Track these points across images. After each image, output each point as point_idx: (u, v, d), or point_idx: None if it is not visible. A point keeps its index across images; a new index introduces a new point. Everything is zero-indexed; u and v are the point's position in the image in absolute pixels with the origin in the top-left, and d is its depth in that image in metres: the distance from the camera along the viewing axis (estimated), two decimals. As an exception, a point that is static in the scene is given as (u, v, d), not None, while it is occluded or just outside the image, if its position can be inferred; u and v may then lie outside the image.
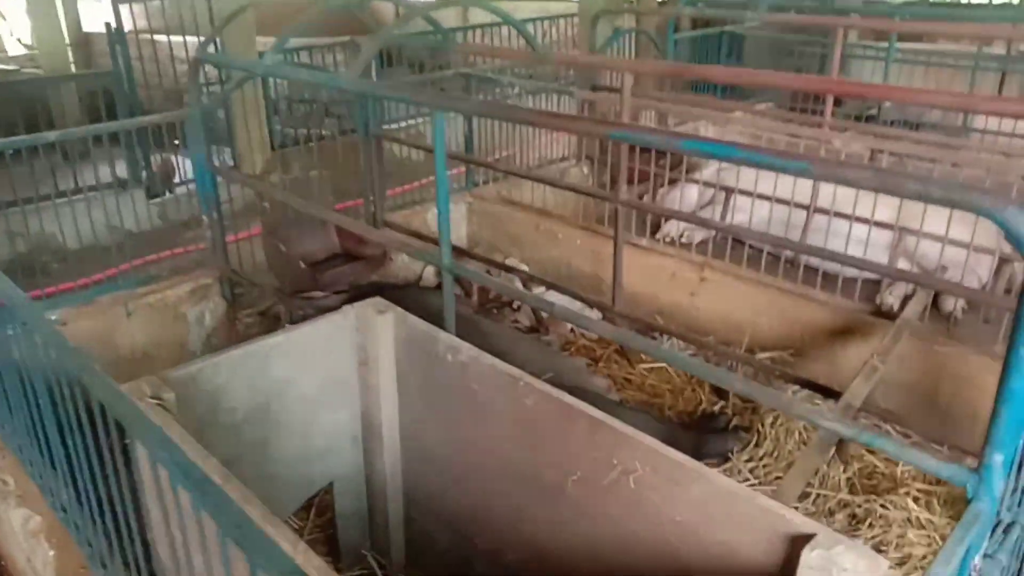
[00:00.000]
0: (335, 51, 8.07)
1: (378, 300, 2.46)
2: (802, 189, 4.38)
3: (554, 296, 4.52)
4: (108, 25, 6.17)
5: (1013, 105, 2.49)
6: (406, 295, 4.15)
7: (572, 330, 4.51)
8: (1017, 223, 1.37)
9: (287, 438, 2.43)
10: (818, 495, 3.11)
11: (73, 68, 9.65)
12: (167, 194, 6.59)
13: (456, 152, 5.10)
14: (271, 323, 4.33)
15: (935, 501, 3.08)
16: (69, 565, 2.29)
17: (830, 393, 3.16)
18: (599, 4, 6.09)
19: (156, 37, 6.93)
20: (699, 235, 6.00)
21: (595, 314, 4.21)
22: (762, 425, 3.49)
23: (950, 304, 4.25)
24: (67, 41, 9.46)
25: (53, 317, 3.63)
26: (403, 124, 7.54)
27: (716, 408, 3.73)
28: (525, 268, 5.01)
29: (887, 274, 3.88)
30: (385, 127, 6.54)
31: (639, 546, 1.88)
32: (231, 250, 4.29)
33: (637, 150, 6.30)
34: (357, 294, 4.42)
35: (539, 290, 4.52)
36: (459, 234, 5.35)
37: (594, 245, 4.62)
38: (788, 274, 4.05)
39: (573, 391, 3.34)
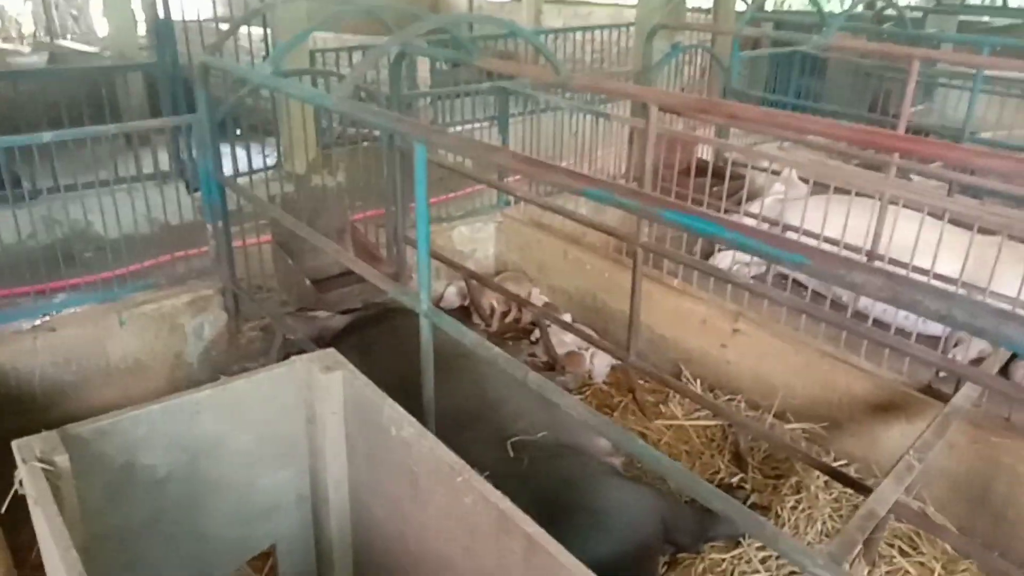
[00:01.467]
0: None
1: (327, 354, 2.20)
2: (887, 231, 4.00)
3: (568, 337, 4.22)
4: (152, 13, 6.11)
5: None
6: (410, 323, 3.89)
7: (588, 373, 4.18)
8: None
9: (221, 496, 2.19)
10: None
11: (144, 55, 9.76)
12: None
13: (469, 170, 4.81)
14: (273, 338, 4.13)
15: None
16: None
17: (860, 488, 2.76)
18: (655, 16, 5.70)
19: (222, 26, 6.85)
20: (752, 271, 5.59)
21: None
22: (782, 508, 3.10)
23: (1021, 372, 3.78)
24: (138, 27, 9.55)
25: (37, 323, 3.52)
26: (458, 128, 7.28)
27: (735, 480, 3.35)
28: (544, 300, 4.70)
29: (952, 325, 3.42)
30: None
31: None
32: (241, 254, 4.12)
33: (692, 175, 5.92)
34: (363, 316, 4.21)
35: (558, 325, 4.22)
36: (486, 253, 5.07)
37: (622, 280, 4.26)
38: (837, 325, 3.63)
39: (567, 450, 3.06)
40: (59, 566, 1.45)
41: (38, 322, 3.47)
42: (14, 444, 1.78)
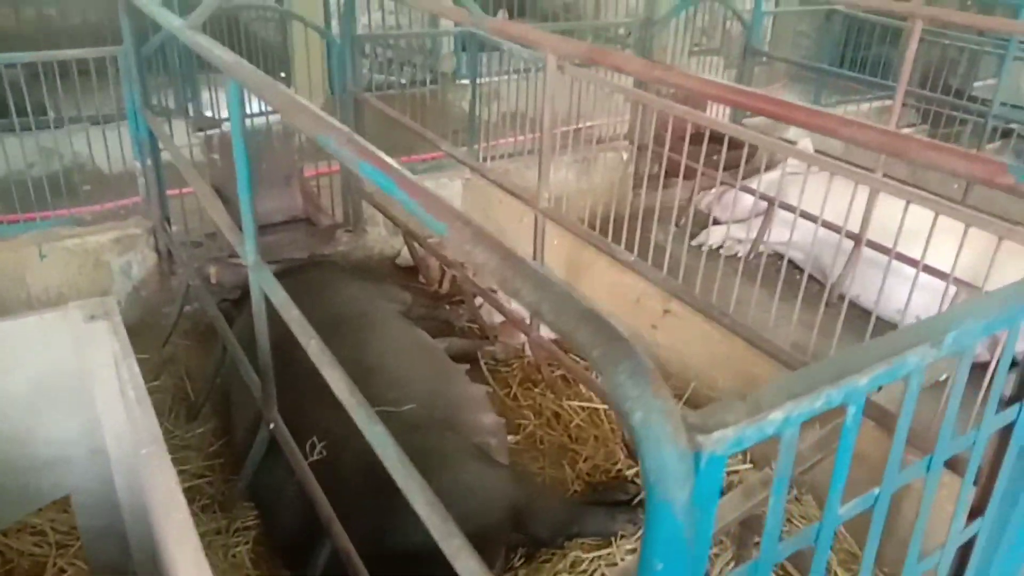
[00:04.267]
0: None
1: (100, 302, 2.05)
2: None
3: (515, 305, 3.98)
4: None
5: None
6: (329, 279, 3.73)
7: (524, 345, 3.94)
8: None
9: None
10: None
11: None
12: (216, 129, 6.47)
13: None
14: (205, 282, 4.05)
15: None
16: None
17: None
18: None
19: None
20: (742, 249, 5.19)
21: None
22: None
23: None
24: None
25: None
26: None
27: (631, 473, 3.08)
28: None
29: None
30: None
31: None
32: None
33: (687, 140, 5.51)
34: (287, 267, 4.07)
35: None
36: (451, 212, 4.85)
37: (571, 251, 3.99)
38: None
39: (434, 425, 2.82)
40: None
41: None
42: None
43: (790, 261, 4.90)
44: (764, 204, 5.14)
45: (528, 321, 3.94)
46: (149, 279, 4.01)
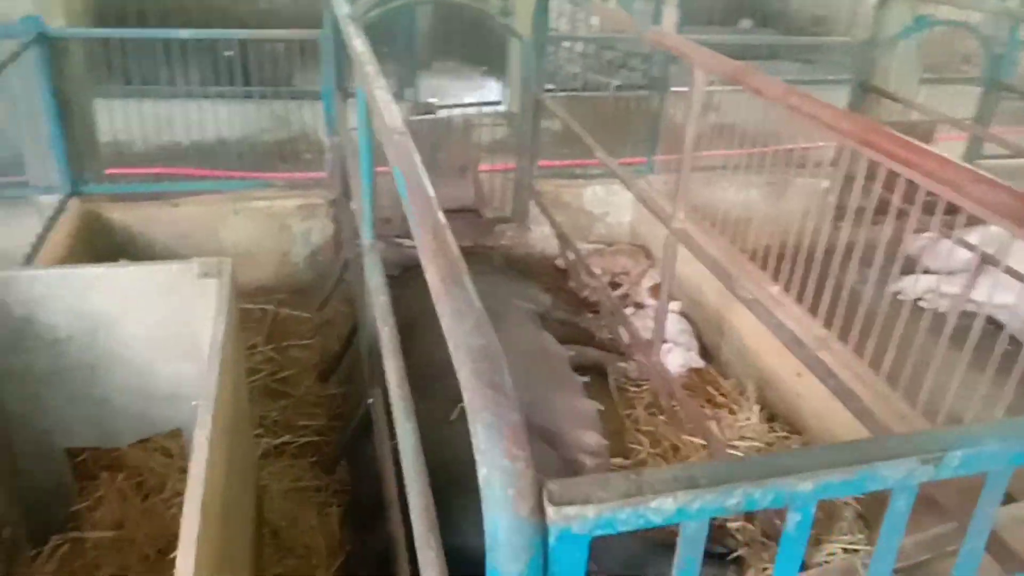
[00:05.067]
0: None
1: (217, 262, 2.23)
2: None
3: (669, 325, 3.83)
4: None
5: None
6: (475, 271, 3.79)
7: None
8: None
9: (122, 372, 2.37)
10: None
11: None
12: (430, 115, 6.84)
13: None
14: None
15: None
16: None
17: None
18: None
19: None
20: (944, 304, 4.59)
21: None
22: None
23: None
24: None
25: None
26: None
27: (736, 526, 2.84)
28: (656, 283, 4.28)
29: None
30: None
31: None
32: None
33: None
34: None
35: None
36: (619, 220, 4.74)
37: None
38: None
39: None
40: None
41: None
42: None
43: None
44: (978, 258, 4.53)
45: (653, 345, 3.78)
46: (326, 247, 4.33)
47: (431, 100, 6.81)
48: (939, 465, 0.88)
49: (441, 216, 1.21)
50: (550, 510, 0.77)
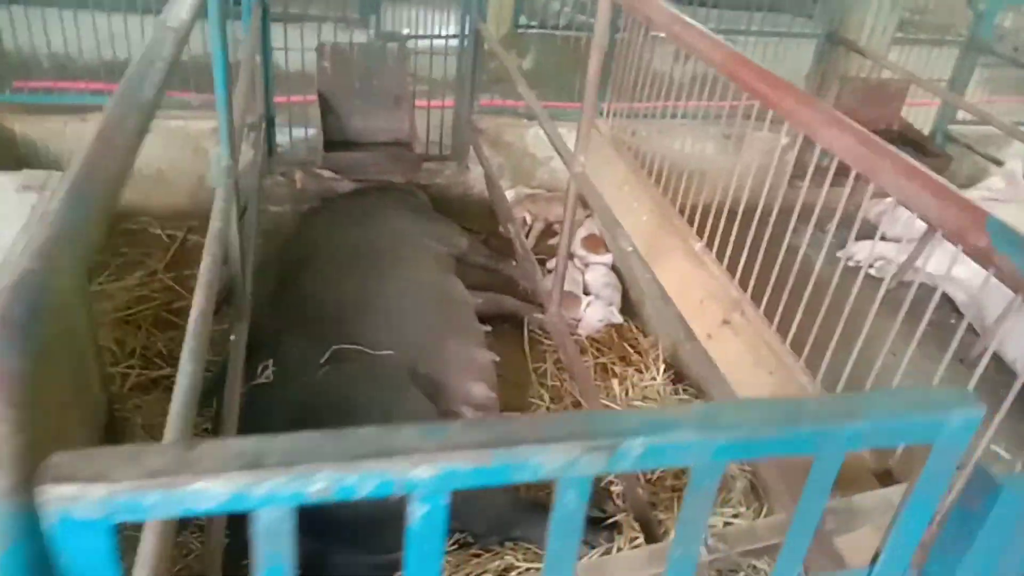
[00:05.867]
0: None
1: (41, 174, 2.03)
2: None
3: (590, 277, 3.65)
4: None
5: None
6: (376, 205, 3.60)
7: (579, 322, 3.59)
8: None
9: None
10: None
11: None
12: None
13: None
14: (290, 188, 4.08)
15: None
16: None
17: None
18: None
19: None
20: (890, 270, 4.40)
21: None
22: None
23: None
24: None
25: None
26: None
27: (620, 490, 2.69)
28: (591, 233, 4.09)
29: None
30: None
31: None
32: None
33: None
34: (360, 189, 3.97)
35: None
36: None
37: (658, 230, 3.54)
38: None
39: (403, 380, 2.55)
40: None
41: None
42: None
43: (951, 302, 4.10)
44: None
45: (582, 301, 3.60)
46: (244, 172, 4.09)
47: (405, 31, 6.47)
48: (613, 455, 0.70)
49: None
50: (43, 489, 0.58)
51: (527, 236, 4.13)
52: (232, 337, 2.50)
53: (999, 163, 4.60)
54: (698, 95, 3.51)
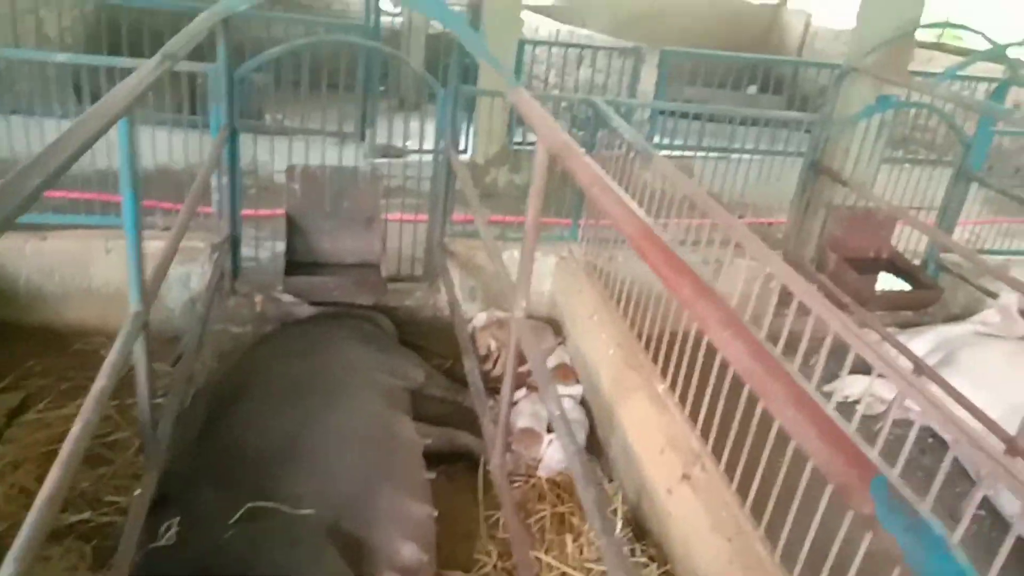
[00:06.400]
0: (612, 55, 7.31)
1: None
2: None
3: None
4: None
5: None
6: (330, 335, 3.46)
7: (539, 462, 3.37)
8: None
9: None
10: None
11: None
12: (392, 158, 6.45)
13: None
14: (252, 309, 3.96)
15: None
16: None
17: None
18: (864, 49, 4.31)
19: None
20: (879, 409, 4.16)
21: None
22: None
23: None
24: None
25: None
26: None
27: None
28: (562, 362, 3.90)
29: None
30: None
31: None
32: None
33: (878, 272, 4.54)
34: (323, 314, 3.83)
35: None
36: (539, 289, 4.36)
37: (624, 373, 3.35)
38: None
39: (320, 539, 2.32)
40: None
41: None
42: None
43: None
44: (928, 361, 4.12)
45: (544, 439, 3.39)
46: (208, 294, 3.99)
47: (407, 144, 6.49)
48: None
49: None
50: None
51: (494, 364, 3.95)
52: (137, 492, 2.31)
53: (993, 296, 4.41)
54: (677, 214, 3.34)
